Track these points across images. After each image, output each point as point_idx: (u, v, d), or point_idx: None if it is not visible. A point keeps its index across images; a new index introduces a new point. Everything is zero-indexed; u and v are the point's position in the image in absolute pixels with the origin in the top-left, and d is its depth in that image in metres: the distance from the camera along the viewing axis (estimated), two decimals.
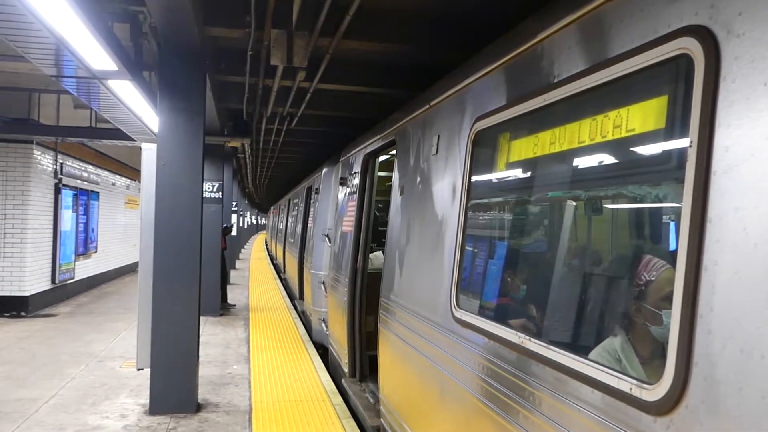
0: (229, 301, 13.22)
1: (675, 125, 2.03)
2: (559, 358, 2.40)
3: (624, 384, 1.98)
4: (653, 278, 2.15)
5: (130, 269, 19.55)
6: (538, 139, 2.93)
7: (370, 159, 6.72)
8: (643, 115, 2.17)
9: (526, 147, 3.09)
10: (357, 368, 6.77)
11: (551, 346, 2.48)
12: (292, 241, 15.66)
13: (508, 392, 2.80)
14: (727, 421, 1.59)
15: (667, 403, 1.78)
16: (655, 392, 1.84)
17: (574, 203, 2.78)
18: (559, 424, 2.35)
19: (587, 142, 2.50)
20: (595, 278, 2.61)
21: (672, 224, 2.12)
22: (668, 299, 1.88)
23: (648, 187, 2.31)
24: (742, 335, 1.57)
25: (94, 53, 5.05)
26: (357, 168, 7.16)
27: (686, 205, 1.80)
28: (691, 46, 1.85)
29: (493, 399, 2.95)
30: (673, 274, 1.85)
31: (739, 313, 1.60)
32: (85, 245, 15.14)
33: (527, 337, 2.68)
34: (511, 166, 3.32)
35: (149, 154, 6.22)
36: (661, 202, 2.23)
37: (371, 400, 5.95)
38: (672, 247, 1.89)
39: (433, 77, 5.03)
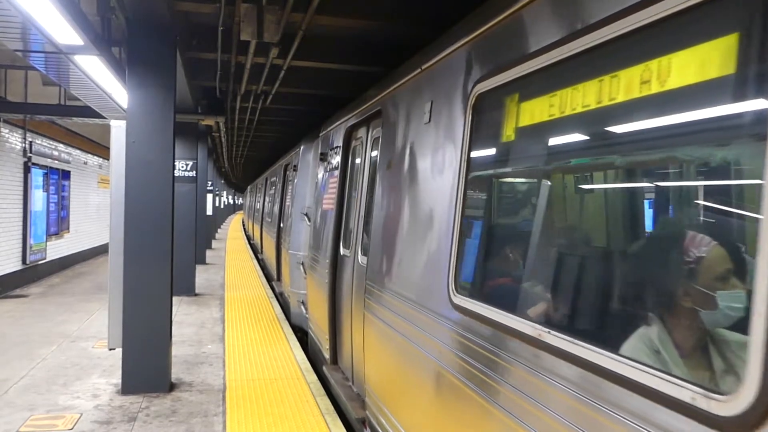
0: (204, 281, 13.13)
1: (749, 70, 1.61)
2: (586, 354, 1.99)
3: (685, 393, 1.59)
4: (703, 255, 1.80)
5: (104, 249, 19.24)
6: (555, 99, 2.44)
7: (353, 133, 6.33)
8: (700, 61, 1.72)
9: (538, 109, 2.61)
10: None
11: (575, 340, 2.08)
12: (270, 220, 15.48)
13: (520, 392, 2.39)
14: None
15: (749, 419, 1.42)
16: (730, 405, 1.47)
17: (602, 173, 2.37)
18: None
19: (620, 99, 2.04)
20: (631, 258, 2.23)
21: (745, 195, 1.70)
22: (721, 279, 1.69)
23: (712, 149, 1.83)
24: None
25: (58, 27, 4.91)
26: (338, 143, 6.75)
27: None
28: None
29: (499, 396, 2.57)
30: (723, 252, 1.65)
31: None
32: (57, 225, 14.90)
33: (546, 330, 2.27)
34: (519, 132, 2.81)
35: (119, 131, 6.10)
36: (728, 167, 1.78)
37: (355, 390, 5.60)
38: (748, 224, 1.57)
39: (407, 54, 4.98)
